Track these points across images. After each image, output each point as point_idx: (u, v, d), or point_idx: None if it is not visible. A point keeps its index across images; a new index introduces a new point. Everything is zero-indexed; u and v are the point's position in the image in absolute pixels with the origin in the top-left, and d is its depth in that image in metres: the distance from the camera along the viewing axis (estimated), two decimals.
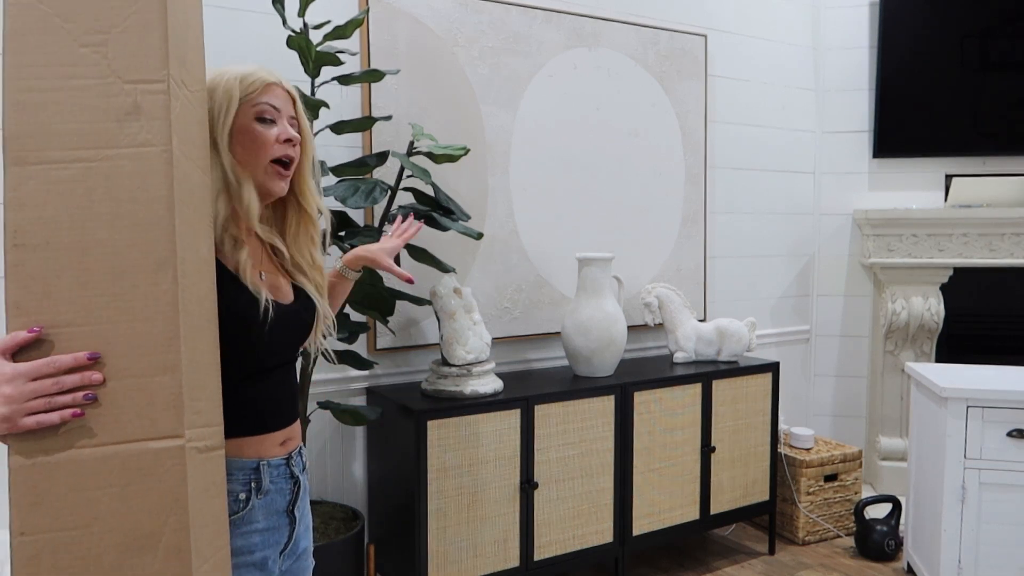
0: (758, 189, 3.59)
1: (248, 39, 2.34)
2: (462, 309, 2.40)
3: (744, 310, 3.55)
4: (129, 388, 0.92)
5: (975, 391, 2.47)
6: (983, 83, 3.50)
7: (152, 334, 0.92)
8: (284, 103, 1.22)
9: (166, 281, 0.93)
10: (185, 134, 0.99)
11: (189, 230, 0.98)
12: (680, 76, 3.26)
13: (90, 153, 0.92)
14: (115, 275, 0.92)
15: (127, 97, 0.93)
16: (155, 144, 0.93)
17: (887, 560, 3.01)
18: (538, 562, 2.48)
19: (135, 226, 0.92)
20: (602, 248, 3.07)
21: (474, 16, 2.72)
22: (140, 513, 0.91)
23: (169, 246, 0.93)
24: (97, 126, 0.92)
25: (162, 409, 0.92)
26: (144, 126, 0.93)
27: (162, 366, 0.92)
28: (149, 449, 0.91)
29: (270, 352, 1.23)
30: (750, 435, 2.98)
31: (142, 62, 0.94)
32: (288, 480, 1.27)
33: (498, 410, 2.38)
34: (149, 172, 0.93)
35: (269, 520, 1.24)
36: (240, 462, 1.20)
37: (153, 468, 0.91)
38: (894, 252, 3.55)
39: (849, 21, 3.68)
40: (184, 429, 0.92)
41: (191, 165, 1.01)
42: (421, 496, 2.25)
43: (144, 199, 0.93)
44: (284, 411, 1.28)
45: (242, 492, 1.20)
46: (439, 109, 2.67)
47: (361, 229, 2.25)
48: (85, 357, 0.91)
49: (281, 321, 1.23)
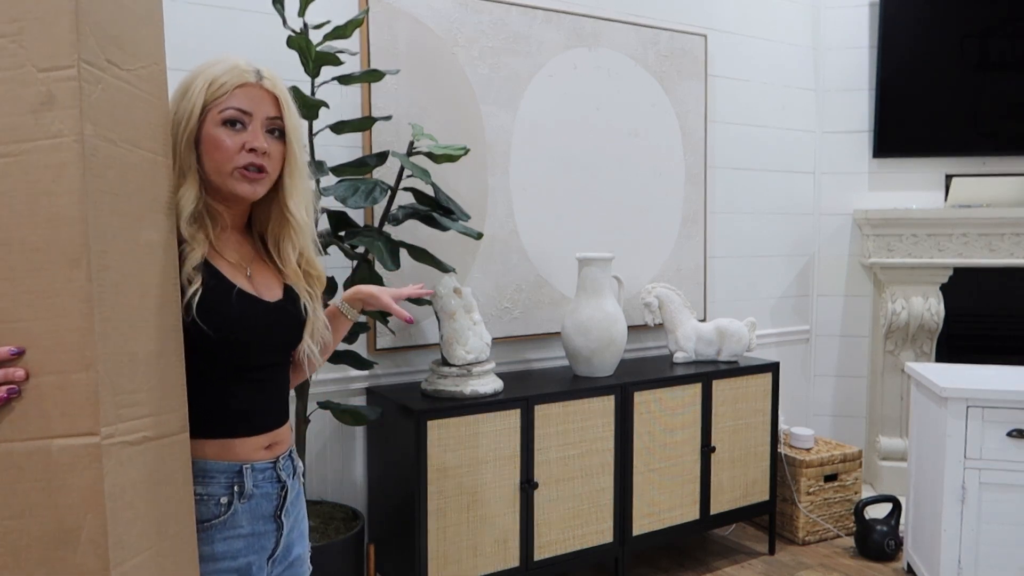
0: (758, 189, 3.59)
1: (248, 39, 2.34)
2: (462, 309, 2.40)
3: (744, 310, 3.55)
4: (49, 385, 0.92)
5: (975, 391, 2.46)
6: (983, 83, 3.50)
7: (68, 330, 0.91)
8: (260, 104, 1.17)
9: (80, 277, 0.91)
10: (112, 117, 0.96)
11: (116, 219, 0.96)
12: (680, 76, 3.26)
13: (9, 148, 0.91)
14: (34, 271, 0.91)
15: (41, 87, 0.91)
16: (66, 135, 0.91)
17: (887, 560, 3.01)
18: (538, 562, 2.48)
19: (50, 221, 0.91)
20: (602, 248, 3.07)
21: (474, 16, 2.73)
22: (63, 508, 0.92)
23: (81, 239, 0.91)
24: (15, 119, 0.91)
25: (79, 406, 0.92)
26: (57, 116, 0.91)
27: (78, 363, 0.91)
28: (69, 446, 0.92)
29: (250, 351, 1.19)
30: (750, 435, 2.98)
31: (54, 49, 0.91)
32: (274, 484, 1.24)
33: (498, 410, 2.38)
34: (62, 164, 0.91)
35: (254, 525, 1.21)
36: (221, 465, 1.17)
37: (72, 465, 0.92)
38: (894, 252, 3.55)
39: (849, 21, 3.68)
40: (100, 426, 0.92)
41: (123, 149, 0.98)
42: (421, 496, 2.25)
43: (58, 191, 0.91)
44: (270, 414, 1.25)
45: (224, 496, 1.17)
46: (439, 109, 2.67)
47: (361, 229, 2.25)
48: (8, 352, 0.90)
49: (264, 319, 1.20)
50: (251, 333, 1.19)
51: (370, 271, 2.24)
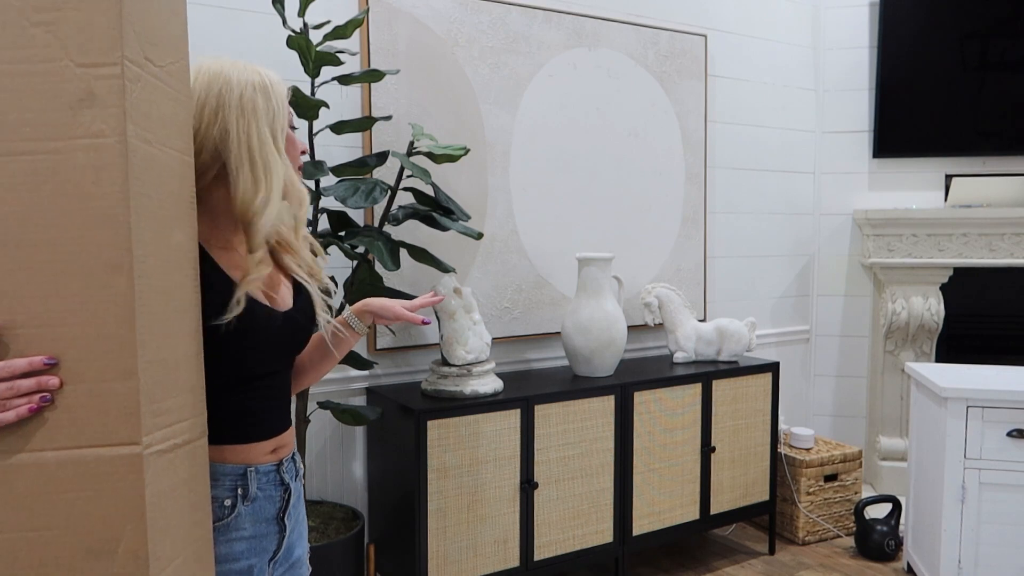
0: (758, 189, 3.59)
1: (248, 39, 2.34)
2: (462, 309, 2.40)
3: (744, 310, 3.55)
4: (86, 393, 0.88)
5: (975, 391, 2.47)
6: (983, 83, 3.50)
7: (107, 338, 0.88)
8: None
9: (121, 283, 0.87)
10: (149, 117, 0.93)
11: (153, 221, 0.93)
12: (680, 76, 3.26)
13: (42, 144, 0.86)
14: (68, 276, 0.87)
15: (80, 82, 0.86)
16: (109, 135, 0.86)
17: (887, 560, 3.01)
18: (538, 562, 2.48)
19: (87, 223, 0.87)
20: (602, 248, 3.07)
21: (474, 16, 2.72)
22: (99, 518, 0.89)
23: (124, 245, 0.87)
24: (49, 115, 0.86)
25: (118, 416, 0.88)
26: (98, 114, 0.86)
27: (118, 372, 0.88)
28: (105, 456, 0.88)
29: (260, 361, 1.20)
30: (750, 435, 2.98)
31: (95, 43, 0.86)
32: (278, 487, 1.24)
33: (498, 410, 2.38)
34: (102, 165, 0.87)
35: (257, 527, 1.21)
36: (226, 467, 1.17)
37: (109, 475, 0.88)
38: (894, 252, 3.55)
39: (849, 21, 3.68)
40: (141, 436, 0.89)
41: (158, 149, 0.95)
42: (421, 496, 2.25)
43: (97, 193, 0.87)
44: (274, 419, 1.25)
45: (228, 498, 1.17)
46: (439, 109, 2.67)
47: (361, 229, 2.25)
48: (41, 362, 0.87)
49: (276, 330, 1.20)
50: (267, 347, 1.20)
51: (370, 271, 2.24)
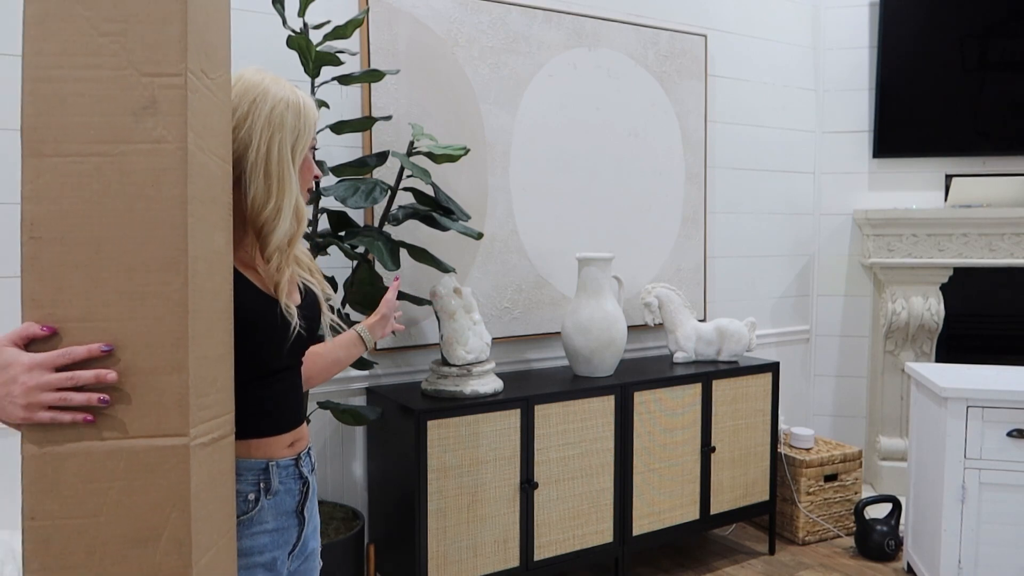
0: (758, 189, 3.59)
1: (248, 39, 2.34)
2: (462, 309, 2.40)
3: (744, 310, 3.55)
4: (138, 385, 0.93)
5: (975, 391, 2.46)
6: (983, 83, 3.50)
7: (161, 333, 0.93)
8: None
9: (177, 281, 0.93)
10: (203, 126, 0.99)
11: (203, 225, 0.99)
12: (680, 76, 3.26)
13: (106, 147, 0.92)
14: (127, 272, 0.92)
15: (144, 90, 0.92)
16: (170, 141, 0.92)
17: (887, 560, 3.01)
18: (538, 562, 2.48)
19: (147, 224, 0.92)
20: (602, 248, 3.07)
21: (474, 16, 2.72)
22: (144, 507, 0.93)
23: (180, 245, 0.93)
24: (113, 119, 0.91)
25: (168, 408, 0.93)
26: (160, 121, 0.92)
27: (170, 365, 0.93)
28: (155, 446, 0.93)
29: (277, 355, 1.24)
30: (750, 435, 2.98)
31: (160, 54, 0.92)
32: (297, 480, 1.28)
33: (498, 410, 2.38)
34: (163, 169, 0.92)
35: (278, 521, 1.24)
36: (249, 462, 1.21)
37: (158, 465, 0.93)
38: (894, 252, 3.55)
39: (849, 21, 3.68)
40: (189, 428, 0.94)
41: (207, 157, 1.01)
42: (421, 496, 2.25)
43: (156, 196, 0.92)
44: (292, 412, 1.29)
45: (251, 492, 1.20)
46: (439, 109, 2.67)
47: (361, 229, 2.25)
48: (99, 349, 0.91)
49: (292, 327, 1.24)
50: (285, 342, 1.23)
51: (370, 271, 2.24)
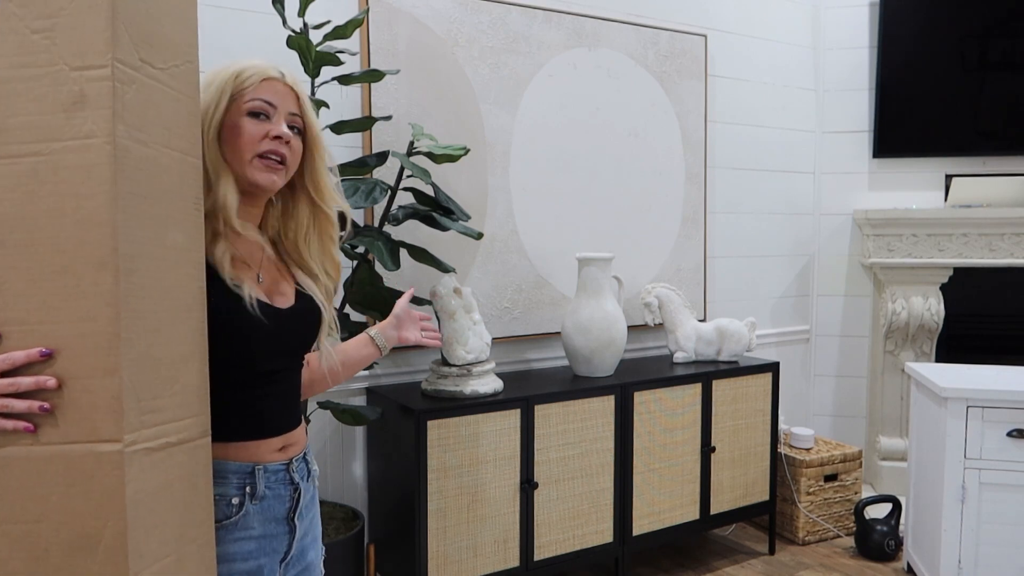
0: (758, 189, 3.59)
1: (248, 39, 2.34)
2: (462, 309, 2.40)
3: (744, 310, 3.55)
4: (74, 390, 0.91)
5: (975, 391, 2.46)
6: (983, 83, 3.50)
7: (94, 335, 0.90)
8: (283, 99, 1.20)
9: (107, 280, 0.90)
10: (144, 118, 0.95)
11: (147, 222, 0.95)
12: (680, 76, 3.26)
13: (41, 147, 0.90)
14: (61, 273, 0.90)
15: (74, 85, 0.89)
16: (98, 135, 0.89)
17: (887, 560, 3.01)
18: (538, 562, 2.48)
19: (78, 223, 0.90)
20: (602, 248, 3.07)
21: (474, 16, 2.72)
22: (83, 514, 0.91)
23: (109, 243, 0.90)
24: (48, 118, 0.89)
25: (102, 413, 0.90)
26: (89, 116, 0.89)
27: (103, 369, 0.90)
28: (90, 452, 0.90)
29: (260, 357, 1.19)
30: (750, 435, 2.98)
31: (87, 47, 0.89)
32: (287, 487, 1.23)
33: (498, 410, 2.38)
34: (92, 165, 0.89)
35: (266, 527, 1.20)
36: (233, 465, 1.17)
37: (93, 471, 0.90)
38: (894, 252, 3.55)
39: (849, 21, 3.68)
40: (123, 433, 0.90)
41: (154, 150, 0.97)
42: (421, 496, 2.25)
43: (87, 194, 0.90)
44: (282, 417, 1.24)
45: (235, 496, 1.17)
46: (439, 109, 2.67)
47: (361, 229, 2.25)
48: (38, 353, 0.89)
49: (275, 326, 1.19)
50: (261, 343, 1.18)
51: (370, 271, 2.24)
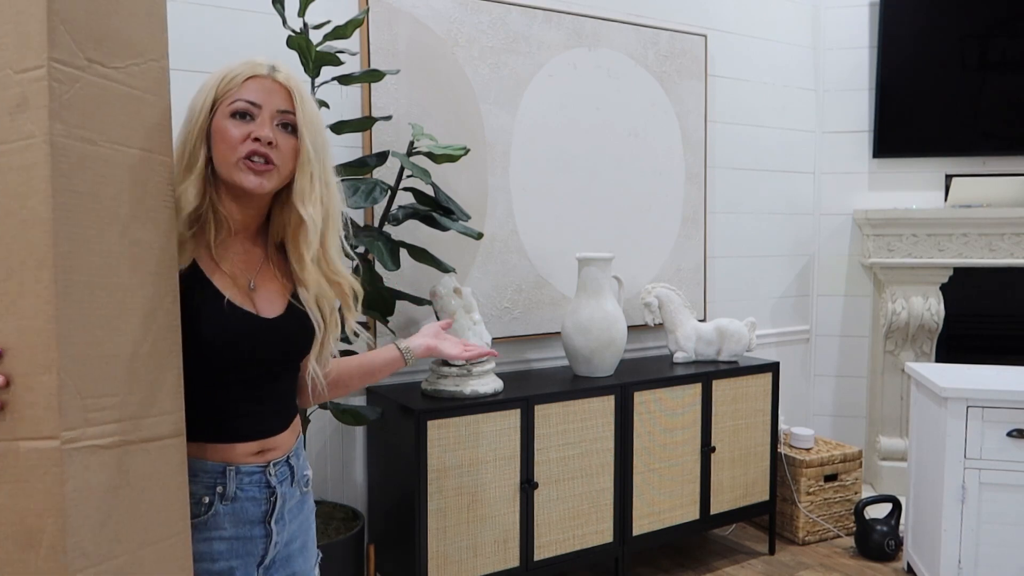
0: (758, 189, 3.59)
1: (248, 39, 2.34)
2: (462, 309, 2.40)
3: (744, 310, 3.55)
4: (19, 387, 0.92)
5: (975, 391, 2.46)
6: (983, 83, 3.50)
7: (34, 332, 0.91)
8: (271, 96, 1.16)
9: (46, 278, 0.91)
10: (91, 116, 0.96)
11: (94, 220, 0.95)
12: (680, 76, 3.26)
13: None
14: (7, 273, 0.92)
15: (17, 88, 0.91)
16: (36, 135, 0.91)
17: (887, 560, 3.01)
18: (538, 562, 2.48)
19: (23, 222, 0.91)
20: (602, 248, 3.07)
21: (474, 16, 2.72)
22: (27, 511, 0.91)
23: (48, 241, 0.90)
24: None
25: (42, 410, 0.91)
26: (29, 117, 0.91)
27: (42, 365, 0.91)
28: (33, 449, 0.91)
29: (234, 363, 1.17)
30: (750, 435, 2.98)
31: (27, 50, 0.91)
32: (263, 489, 1.20)
33: (498, 410, 2.38)
34: (32, 165, 0.91)
35: (239, 529, 1.18)
36: (204, 464, 1.15)
37: (36, 468, 0.91)
38: (894, 252, 3.55)
39: (849, 21, 3.68)
40: (61, 431, 0.91)
41: (106, 148, 0.98)
42: (421, 496, 2.25)
43: (28, 193, 0.91)
44: (261, 423, 1.21)
45: (205, 495, 1.15)
46: (439, 109, 2.67)
47: (361, 229, 2.25)
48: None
49: (253, 334, 1.17)
50: (235, 349, 1.15)
51: (370, 271, 2.24)
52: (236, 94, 1.14)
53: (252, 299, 1.20)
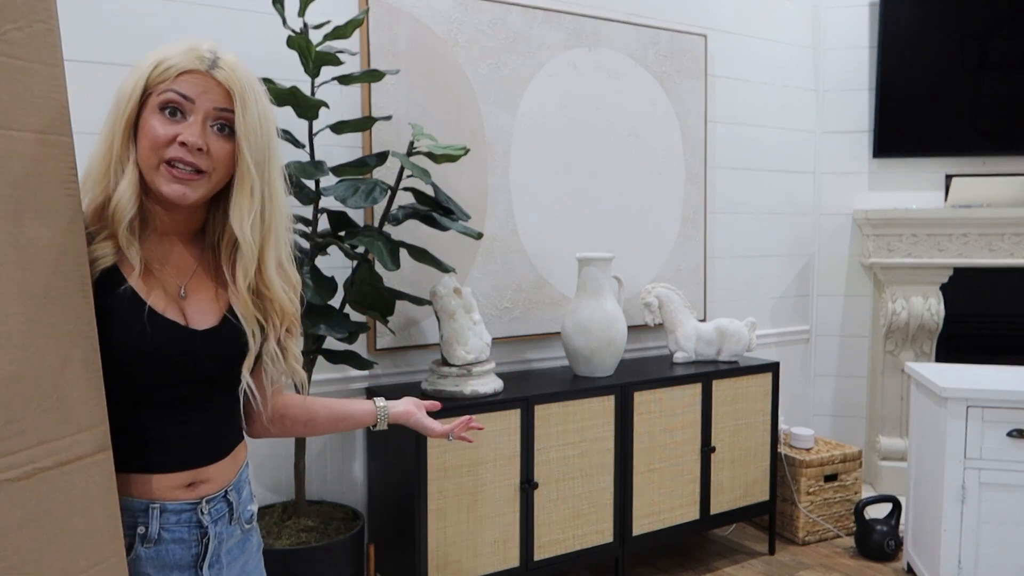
0: (758, 189, 3.59)
1: (248, 39, 2.34)
2: (462, 309, 2.40)
3: (744, 310, 3.55)
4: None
5: (975, 391, 2.46)
6: (983, 83, 3.50)
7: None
8: (207, 94, 1.00)
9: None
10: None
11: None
12: (680, 76, 3.26)
13: None
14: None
15: None
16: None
17: (887, 560, 3.01)
18: (538, 562, 2.48)
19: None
20: (602, 248, 3.07)
21: (474, 16, 2.73)
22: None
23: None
24: None
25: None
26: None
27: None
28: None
29: (155, 380, 1.03)
30: (750, 435, 2.98)
31: None
32: (193, 529, 1.06)
33: (498, 410, 2.38)
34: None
35: (164, 575, 1.05)
36: (125, 501, 1.01)
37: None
38: (894, 252, 3.55)
39: (849, 21, 3.68)
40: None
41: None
42: (421, 496, 2.25)
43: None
44: (192, 450, 1.07)
45: (125, 537, 1.00)
46: (439, 109, 2.67)
47: (361, 229, 2.25)
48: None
49: (180, 347, 1.04)
50: (157, 365, 1.02)
51: (370, 271, 2.24)
52: (170, 85, 0.99)
53: (182, 308, 1.06)
